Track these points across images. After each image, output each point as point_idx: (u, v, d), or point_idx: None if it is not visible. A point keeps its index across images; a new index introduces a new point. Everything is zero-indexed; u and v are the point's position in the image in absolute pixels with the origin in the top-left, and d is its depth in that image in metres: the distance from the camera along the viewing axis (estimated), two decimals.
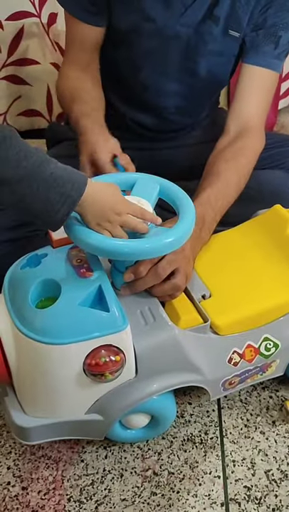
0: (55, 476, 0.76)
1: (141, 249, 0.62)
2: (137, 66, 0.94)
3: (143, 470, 0.77)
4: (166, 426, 0.79)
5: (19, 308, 0.65)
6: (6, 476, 0.76)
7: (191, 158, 1.08)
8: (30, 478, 0.76)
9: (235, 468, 0.78)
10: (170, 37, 0.89)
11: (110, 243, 0.62)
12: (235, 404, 0.86)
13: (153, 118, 1.02)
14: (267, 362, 0.79)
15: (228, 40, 0.92)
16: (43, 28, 1.41)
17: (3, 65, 1.45)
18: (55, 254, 0.69)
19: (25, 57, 1.45)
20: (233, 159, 0.86)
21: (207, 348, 0.73)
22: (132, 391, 0.69)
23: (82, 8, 0.89)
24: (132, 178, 0.72)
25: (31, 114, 1.58)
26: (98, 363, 0.63)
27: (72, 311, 0.62)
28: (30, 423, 0.69)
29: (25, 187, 0.55)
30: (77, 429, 0.72)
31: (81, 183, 0.58)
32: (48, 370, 0.65)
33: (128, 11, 0.87)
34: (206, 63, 0.94)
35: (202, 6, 0.87)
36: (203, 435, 0.82)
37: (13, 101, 1.54)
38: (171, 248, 0.64)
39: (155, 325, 0.69)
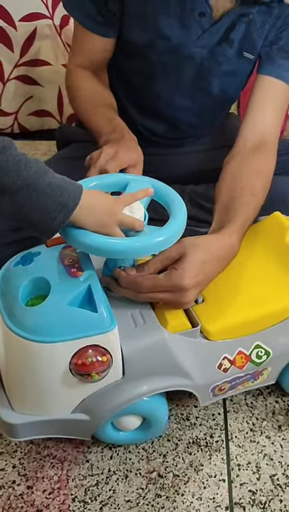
0: (60, 475, 0.77)
1: (132, 247, 0.63)
2: (150, 77, 0.93)
3: (148, 472, 0.77)
4: (158, 428, 0.78)
5: (9, 305, 0.65)
6: (11, 474, 0.76)
7: (200, 163, 1.08)
8: (35, 477, 0.76)
9: (240, 472, 0.78)
10: (184, 56, 0.89)
11: (102, 241, 0.62)
12: (241, 408, 0.86)
13: (164, 126, 1.02)
14: (258, 369, 0.78)
15: (242, 61, 0.92)
16: (55, 29, 1.42)
17: (16, 65, 1.47)
18: (48, 253, 0.69)
19: (38, 58, 1.46)
20: (262, 178, 0.83)
21: (197, 352, 0.72)
22: (118, 392, 0.69)
23: (91, 19, 0.88)
24: (125, 180, 0.73)
25: (42, 115, 1.60)
26: (85, 362, 0.63)
27: (61, 310, 0.63)
28: (17, 420, 0.70)
29: (25, 196, 0.56)
30: (64, 427, 0.73)
31: (77, 192, 0.60)
32: (34, 368, 0.66)
33: (143, 27, 0.86)
34: (219, 83, 0.94)
35: (219, 29, 0.87)
36: (208, 438, 0.82)
37: (24, 101, 1.55)
38: (161, 247, 0.65)
39: (144, 327, 0.69)
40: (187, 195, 1.04)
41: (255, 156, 0.85)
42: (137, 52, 0.90)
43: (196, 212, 1.01)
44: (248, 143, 0.88)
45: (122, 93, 0.99)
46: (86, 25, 0.90)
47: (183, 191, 1.03)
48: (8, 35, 1.41)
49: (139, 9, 0.85)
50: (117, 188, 0.72)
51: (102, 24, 0.89)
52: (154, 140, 1.04)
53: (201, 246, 0.70)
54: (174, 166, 1.08)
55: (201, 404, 0.78)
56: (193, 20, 0.85)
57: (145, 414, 0.75)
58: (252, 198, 0.79)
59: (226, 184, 0.83)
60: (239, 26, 0.87)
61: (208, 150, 1.08)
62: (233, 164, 0.85)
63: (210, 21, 0.86)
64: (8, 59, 1.46)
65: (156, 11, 0.84)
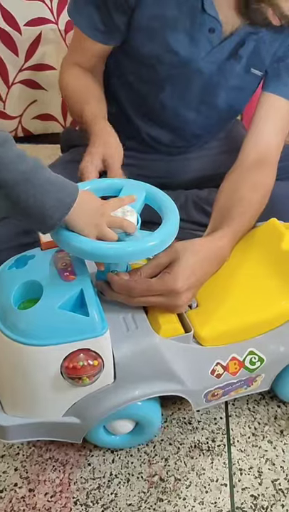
0: (62, 478, 0.77)
1: (124, 251, 0.63)
2: (158, 87, 0.93)
3: (150, 475, 0.78)
4: (151, 432, 0.78)
5: (2, 308, 0.66)
6: (13, 477, 0.76)
7: (204, 169, 1.09)
8: (37, 480, 0.76)
9: (242, 476, 0.78)
10: (192, 71, 0.89)
11: (94, 246, 0.62)
12: (243, 413, 0.86)
13: (169, 135, 1.02)
14: (251, 376, 0.78)
15: (250, 77, 0.92)
16: (60, 34, 1.43)
17: (20, 69, 1.48)
18: (42, 257, 0.69)
19: (42, 62, 1.47)
20: (260, 191, 0.84)
21: (189, 358, 0.72)
22: (109, 396, 0.69)
23: (93, 27, 0.88)
24: (118, 184, 0.73)
25: (46, 119, 1.61)
26: (76, 366, 0.63)
27: (52, 314, 0.63)
28: (8, 422, 0.70)
29: (21, 191, 0.56)
30: (55, 430, 0.73)
31: (74, 190, 0.60)
32: (26, 371, 0.66)
33: (151, 40, 0.86)
34: (226, 98, 0.95)
35: (228, 46, 0.87)
36: (210, 442, 0.82)
37: (28, 104, 1.56)
38: (154, 251, 0.65)
39: (136, 332, 0.69)
40: (191, 200, 1.04)
41: (254, 171, 0.86)
42: (146, 62, 0.90)
43: (200, 217, 1.01)
44: (249, 158, 0.88)
45: (126, 101, 1.00)
46: (87, 33, 0.90)
47: (187, 196, 1.03)
48: (13, 39, 1.42)
49: (147, 23, 0.84)
50: (111, 192, 0.73)
51: (104, 33, 0.89)
52: (158, 148, 1.05)
53: (191, 249, 0.70)
54: (178, 172, 1.08)
55: (194, 409, 0.78)
56: (202, 35, 0.85)
57: (138, 418, 0.75)
58: (248, 208, 0.80)
59: (224, 195, 0.84)
60: (248, 43, 0.87)
61: (212, 155, 1.08)
62: (232, 177, 0.86)
63: (219, 37, 0.86)
64: (13, 63, 1.47)
65: (165, 26, 0.84)
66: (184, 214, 1.01)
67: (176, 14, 0.83)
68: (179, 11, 0.83)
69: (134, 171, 0.85)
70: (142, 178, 0.75)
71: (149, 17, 0.84)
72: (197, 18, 0.83)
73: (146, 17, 0.84)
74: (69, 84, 0.95)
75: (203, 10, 0.82)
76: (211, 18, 0.83)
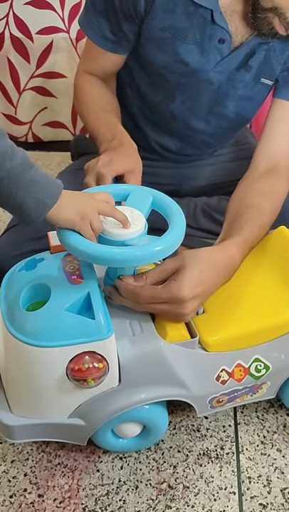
0: (70, 484, 0.77)
1: (131, 256, 0.63)
2: (168, 96, 0.94)
3: (158, 483, 0.78)
4: (158, 436, 0.79)
5: (11, 309, 0.67)
6: (22, 482, 0.77)
7: (213, 176, 1.09)
8: (46, 486, 0.77)
9: (250, 485, 0.78)
10: (202, 80, 0.89)
11: (102, 250, 0.63)
12: (251, 421, 0.86)
13: (178, 143, 1.02)
14: (257, 383, 0.78)
15: (260, 87, 0.92)
16: (71, 43, 1.44)
17: (32, 76, 1.50)
18: (51, 260, 0.70)
19: (53, 70, 1.49)
20: (270, 198, 0.83)
21: (194, 363, 0.73)
22: (114, 400, 0.70)
23: (102, 37, 0.89)
24: (126, 190, 0.74)
25: (56, 126, 1.62)
26: (81, 368, 0.64)
27: (59, 316, 0.64)
28: (14, 422, 0.71)
29: (4, 187, 0.56)
30: (60, 431, 0.73)
31: (56, 191, 0.60)
32: (32, 372, 0.67)
33: (161, 51, 0.87)
34: (235, 107, 0.95)
35: (238, 56, 0.87)
36: (219, 450, 0.82)
37: (39, 111, 1.58)
38: (160, 256, 0.65)
39: (142, 336, 0.69)
40: (200, 207, 1.05)
41: (265, 179, 0.85)
42: (156, 71, 0.91)
43: (209, 225, 1.02)
44: (260, 166, 0.88)
45: (136, 109, 1.00)
46: (98, 43, 0.91)
47: (196, 203, 1.04)
48: (26, 47, 1.44)
49: (157, 33, 0.85)
50: (118, 198, 0.73)
51: (114, 42, 0.90)
52: (166, 156, 1.05)
53: (199, 258, 0.70)
54: (187, 179, 1.08)
55: (199, 415, 0.78)
56: (212, 46, 0.85)
57: (145, 422, 0.76)
58: (257, 216, 0.79)
59: (234, 204, 0.83)
60: (259, 53, 0.87)
61: (221, 163, 1.09)
62: (242, 185, 0.86)
63: (229, 48, 0.86)
64: (25, 70, 1.48)
65: (175, 37, 0.85)
66: (193, 221, 1.01)
67: (186, 25, 0.84)
68: (189, 22, 0.84)
69: (143, 178, 0.86)
70: (150, 186, 0.75)
71: (159, 28, 0.85)
72: (207, 30, 0.84)
73: (156, 28, 0.85)
74: (82, 92, 0.96)
75: (213, 21, 0.83)
76: (221, 29, 0.84)
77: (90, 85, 0.96)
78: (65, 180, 1.09)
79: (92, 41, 0.91)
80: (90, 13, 0.89)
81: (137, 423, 0.76)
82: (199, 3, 0.81)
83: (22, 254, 0.78)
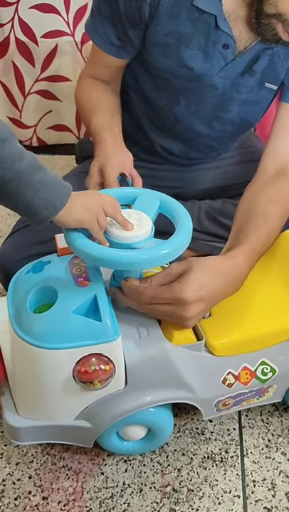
0: (75, 487, 0.77)
1: (138, 259, 0.64)
2: (172, 100, 0.94)
3: (162, 486, 0.78)
4: (163, 439, 0.79)
5: (17, 311, 0.67)
6: (27, 485, 0.77)
7: (217, 179, 1.09)
8: (50, 488, 0.77)
9: (255, 488, 0.77)
10: (206, 85, 0.90)
11: (108, 253, 0.63)
12: (256, 424, 0.86)
13: (182, 147, 1.02)
14: (263, 386, 0.78)
15: (264, 91, 0.92)
16: (76, 46, 1.45)
17: (36, 80, 1.50)
18: (58, 262, 0.71)
19: (58, 74, 1.49)
20: (277, 204, 0.82)
21: (201, 366, 0.73)
22: (120, 402, 0.70)
23: (108, 42, 0.90)
24: (133, 193, 0.74)
25: (60, 129, 1.62)
26: (87, 370, 0.64)
27: (66, 318, 0.64)
28: (20, 423, 0.71)
29: (13, 188, 0.57)
30: (66, 434, 0.73)
31: (65, 193, 0.60)
32: (39, 374, 0.67)
33: (165, 55, 0.87)
34: (239, 112, 0.95)
35: (243, 61, 0.87)
36: (223, 453, 0.82)
37: (43, 115, 1.58)
38: (167, 259, 0.65)
39: (148, 339, 0.70)
40: (204, 210, 1.05)
41: (273, 184, 0.85)
42: (161, 76, 0.91)
43: (214, 228, 1.02)
44: (268, 170, 0.87)
45: (140, 112, 1.01)
46: (104, 49, 0.91)
47: (200, 206, 1.04)
48: (30, 50, 1.44)
49: (161, 39, 0.85)
50: (125, 201, 0.73)
51: (119, 47, 0.90)
52: (170, 159, 1.06)
53: (206, 264, 0.70)
54: (191, 182, 1.09)
55: (204, 418, 0.77)
56: (216, 52, 0.85)
57: (150, 425, 0.76)
58: (265, 224, 0.79)
59: (241, 210, 0.83)
60: (263, 58, 0.87)
61: (226, 166, 1.09)
62: (250, 191, 0.85)
63: (233, 53, 0.86)
64: (30, 73, 1.49)
65: (180, 42, 0.85)
66: (197, 224, 1.01)
67: (190, 31, 0.84)
68: (193, 28, 0.84)
69: (147, 182, 0.86)
70: (154, 189, 0.75)
71: (163, 33, 0.85)
72: (211, 35, 0.84)
73: (160, 33, 0.85)
74: (82, 95, 0.97)
75: (217, 27, 0.83)
76: (225, 34, 0.84)
77: (88, 88, 0.96)
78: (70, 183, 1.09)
79: (97, 46, 0.92)
80: (95, 19, 0.89)
81: (142, 426, 0.76)
82: (203, 9, 0.81)
83: (27, 258, 0.79)
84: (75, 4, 1.39)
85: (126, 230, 0.66)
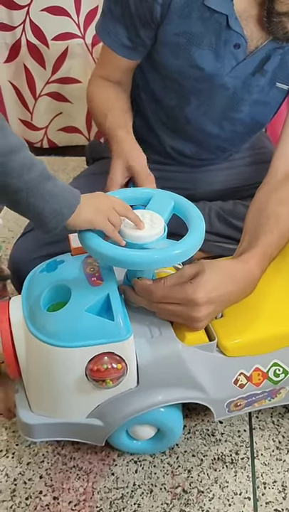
0: (85, 487, 0.77)
1: (151, 259, 0.64)
2: (183, 100, 0.94)
3: (172, 487, 0.78)
4: (172, 440, 0.79)
5: (32, 309, 0.68)
6: (38, 484, 0.77)
7: (228, 181, 1.09)
8: (61, 488, 0.77)
9: (265, 490, 0.77)
10: (217, 85, 0.90)
11: (122, 253, 0.64)
12: (267, 426, 0.86)
13: (193, 148, 1.02)
14: (275, 388, 0.78)
15: (275, 91, 0.92)
16: (86, 48, 1.45)
17: (47, 82, 1.51)
18: (71, 262, 0.71)
19: (68, 75, 1.50)
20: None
21: (212, 366, 0.73)
22: (132, 401, 0.70)
23: (119, 43, 0.90)
24: (148, 194, 0.75)
25: (71, 131, 1.63)
26: (100, 369, 0.65)
27: (79, 317, 0.65)
28: (34, 420, 0.72)
29: (22, 198, 0.57)
30: (79, 431, 0.74)
31: (74, 201, 0.61)
32: (52, 371, 0.68)
33: (176, 55, 0.87)
34: (250, 112, 0.95)
35: (254, 61, 0.88)
36: (233, 455, 0.82)
37: (54, 116, 1.59)
38: (179, 259, 0.66)
39: (160, 339, 0.70)
40: (215, 211, 1.05)
41: (283, 186, 0.84)
42: (171, 76, 0.91)
43: (224, 229, 1.02)
44: (279, 173, 0.87)
45: (152, 113, 1.01)
46: (114, 49, 0.92)
47: (210, 208, 1.04)
48: (41, 53, 1.45)
49: (172, 39, 0.85)
50: (140, 201, 0.74)
51: (130, 48, 0.91)
52: (181, 160, 1.06)
53: (219, 267, 0.70)
54: (202, 184, 1.09)
55: (216, 419, 0.77)
56: (227, 51, 0.86)
57: (160, 424, 0.76)
58: (276, 226, 0.78)
59: (253, 213, 0.82)
60: (274, 58, 0.87)
61: (237, 167, 1.09)
62: (261, 193, 0.85)
63: (244, 53, 0.86)
64: (41, 76, 1.50)
65: (191, 42, 0.85)
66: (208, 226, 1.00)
67: (201, 31, 0.84)
68: (205, 28, 0.84)
69: (157, 183, 0.86)
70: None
71: (174, 33, 0.85)
72: (222, 35, 0.84)
73: (171, 33, 0.85)
74: (94, 95, 0.97)
75: (228, 26, 0.83)
76: (236, 34, 0.84)
77: (99, 89, 0.97)
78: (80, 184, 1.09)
79: (108, 47, 0.92)
80: (106, 20, 0.90)
81: (152, 426, 0.77)
82: (215, 9, 0.82)
83: (39, 258, 0.79)
84: (85, 7, 1.40)
85: (138, 229, 0.67)
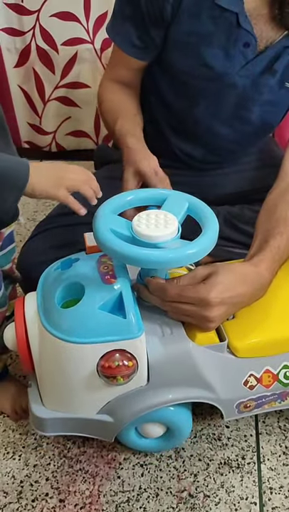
0: (91, 490, 0.77)
1: (165, 258, 0.65)
2: (192, 102, 0.94)
3: (178, 491, 0.78)
4: (180, 439, 0.80)
5: (46, 305, 0.69)
6: (44, 487, 0.78)
7: (236, 185, 1.09)
8: (67, 491, 0.77)
9: (272, 495, 0.77)
10: (227, 84, 0.90)
11: (136, 251, 0.64)
12: (273, 431, 0.86)
13: (201, 150, 1.02)
14: (286, 390, 0.78)
15: (284, 91, 0.92)
16: (95, 53, 1.46)
17: (56, 87, 1.52)
18: (86, 260, 0.72)
19: (77, 80, 1.51)
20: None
21: (222, 367, 0.73)
22: (142, 398, 0.71)
23: (129, 43, 0.90)
24: (163, 194, 0.75)
25: (79, 135, 1.64)
26: (111, 365, 0.66)
27: (92, 314, 0.66)
28: (46, 415, 0.73)
29: None
30: (89, 427, 0.75)
31: (24, 171, 0.62)
32: (64, 367, 0.69)
33: (186, 55, 0.87)
34: (260, 112, 0.95)
35: (263, 60, 0.88)
36: (240, 460, 0.82)
37: (62, 121, 1.60)
38: (192, 259, 0.66)
39: (171, 337, 0.71)
40: (222, 215, 1.05)
41: None
42: (180, 77, 0.92)
43: (231, 233, 1.02)
44: (288, 176, 0.87)
45: (160, 116, 1.01)
46: (124, 49, 0.92)
47: (218, 212, 1.04)
48: (51, 58, 1.46)
49: (182, 38, 0.86)
50: (155, 202, 0.75)
51: (140, 48, 0.91)
52: (190, 164, 1.06)
53: (231, 269, 0.71)
54: (210, 188, 1.09)
55: (225, 419, 0.77)
56: (237, 50, 0.86)
57: (169, 423, 0.76)
58: (285, 229, 0.78)
59: (263, 216, 0.83)
60: (284, 57, 0.87)
61: (245, 172, 1.09)
62: (271, 196, 0.85)
63: (254, 52, 0.87)
64: (50, 80, 1.51)
65: (201, 41, 0.85)
66: None
67: (211, 29, 0.84)
68: (215, 26, 0.84)
69: None
70: None
71: (184, 32, 0.86)
72: (232, 33, 0.84)
73: (181, 32, 0.86)
74: (105, 98, 0.98)
75: (239, 25, 0.83)
76: (246, 32, 0.84)
77: (110, 92, 0.97)
78: None
79: (119, 48, 0.93)
80: (117, 20, 0.90)
81: (161, 424, 0.77)
82: (225, 7, 0.82)
83: (46, 261, 0.80)
84: (94, 12, 1.40)
85: (152, 229, 0.68)
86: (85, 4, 1.39)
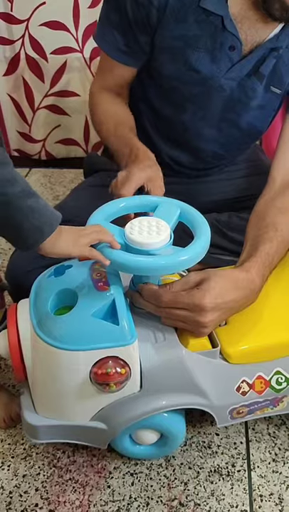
0: (81, 500, 0.77)
1: (157, 265, 0.66)
2: (179, 108, 0.95)
3: (169, 500, 0.77)
4: (174, 445, 0.80)
5: (39, 312, 0.69)
6: (33, 497, 0.77)
7: (224, 193, 1.10)
8: (57, 501, 0.77)
9: (262, 503, 0.77)
10: (213, 88, 0.91)
11: (128, 258, 0.65)
12: (263, 438, 0.86)
13: (189, 156, 1.03)
14: (278, 396, 0.78)
15: (270, 95, 0.93)
16: (84, 62, 1.47)
17: (46, 95, 1.53)
18: (79, 267, 0.72)
19: (66, 89, 1.52)
20: (287, 214, 0.83)
21: (215, 373, 0.74)
22: (135, 405, 0.71)
23: (117, 50, 0.91)
24: (154, 202, 0.76)
25: (68, 143, 1.64)
26: (104, 372, 0.66)
27: (85, 321, 0.66)
28: (38, 422, 0.73)
29: (2, 210, 0.58)
30: (82, 434, 0.75)
31: (54, 221, 0.61)
32: (57, 374, 0.69)
33: (172, 60, 0.88)
34: (247, 116, 0.96)
35: (249, 63, 0.89)
36: (230, 467, 0.82)
37: (52, 129, 1.60)
38: (185, 265, 0.67)
39: (164, 344, 0.71)
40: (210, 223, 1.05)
41: (282, 195, 0.86)
42: (167, 83, 0.92)
43: (220, 241, 1.02)
44: (277, 182, 0.88)
45: (148, 123, 1.02)
46: (112, 56, 0.93)
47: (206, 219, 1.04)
48: (40, 66, 1.47)
49: (168, 42, 0.87)
50: (146, 209, 0.75)
51: (127, 54, 0.92)
52: (178, 170, 1.07)
53: (223, 275, 0.72)
54: (197, 195, 1.09)
55: (218, 425, 0.77)
56: (223, 53, 0.87)
57: (163, 430, 0.76)
58: (275, 234, 0.80)
59: (253, 223, 0.84)
60: (269, 61, 0.89)
61: (232, 179, 1.10)
62: (261, 203, 0.87)
63: (239, 55, 0.88)
64: (39, 89, 1.52)
65: (187, 45, 0.86)
66: None
67: (197, 33, 0.86)
68: (200, 30, 0.85)
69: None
70: None
71: (170, 36, 0.87)
72: (218, 37, 0.86)
73: (167, 37, 0.87)
74: (98, 111, 0.98)
75: (224, 28, 0.84)
76: (232, 35, 0.85)
77: (104, 102, 0.98)
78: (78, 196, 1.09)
79: (106, 54, 0.93)
80: (104, 27, 0.91)
81: (155, 431, 0.77)
82: (210, 10, 0.83)
83: (37, 269, 0.79)
84: (84, 22, 1.41)
85: (145, 236, 0.68)
86: (74, 14, 1.40)
